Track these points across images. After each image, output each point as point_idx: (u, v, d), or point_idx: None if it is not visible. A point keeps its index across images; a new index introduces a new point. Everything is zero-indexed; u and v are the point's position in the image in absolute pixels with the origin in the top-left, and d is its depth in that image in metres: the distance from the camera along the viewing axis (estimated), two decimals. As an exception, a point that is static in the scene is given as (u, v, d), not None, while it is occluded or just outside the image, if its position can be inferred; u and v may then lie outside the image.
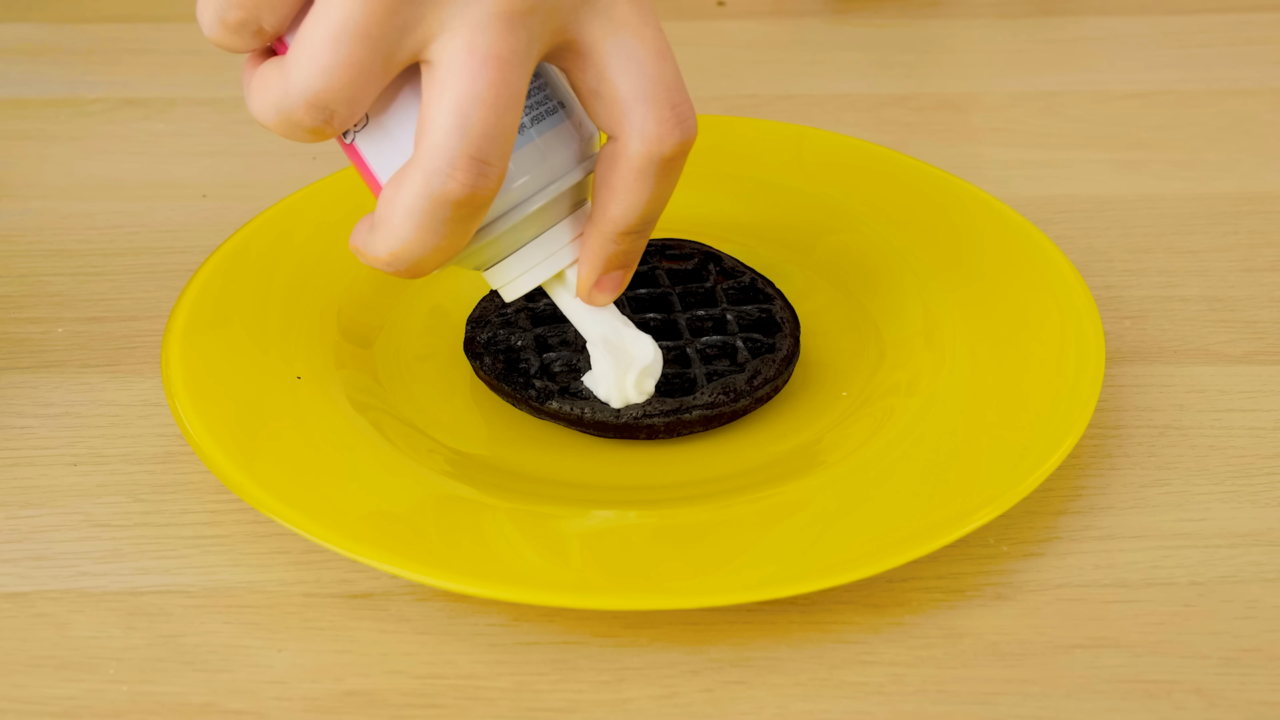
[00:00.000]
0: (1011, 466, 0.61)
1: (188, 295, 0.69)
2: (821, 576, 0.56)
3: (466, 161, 0.52)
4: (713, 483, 0.63)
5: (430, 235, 0.53)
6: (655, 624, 0.58)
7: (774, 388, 0.66)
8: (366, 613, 0.59)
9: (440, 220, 0.53)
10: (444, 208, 0.52)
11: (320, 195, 0.76)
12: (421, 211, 0.53)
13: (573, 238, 0.58)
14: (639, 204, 0.56)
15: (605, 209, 0.56)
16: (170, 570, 0.60)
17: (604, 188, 0.56)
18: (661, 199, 0.56)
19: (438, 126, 0.52)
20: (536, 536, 0.59)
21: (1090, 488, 0.64)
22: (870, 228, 0.75)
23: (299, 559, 0.61)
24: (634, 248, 0.57)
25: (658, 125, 0.54)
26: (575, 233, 0.58)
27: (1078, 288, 0.69)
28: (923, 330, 0.69)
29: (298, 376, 0.66)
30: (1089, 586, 0.60)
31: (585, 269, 0.58)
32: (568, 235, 0.58)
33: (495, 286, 0.59)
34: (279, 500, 0.59)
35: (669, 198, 0.57)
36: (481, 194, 0.52)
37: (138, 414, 0.67)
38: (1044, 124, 0.88)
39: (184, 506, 0.63)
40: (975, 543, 0.61)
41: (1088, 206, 0.81)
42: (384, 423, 0.65)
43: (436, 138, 0.52)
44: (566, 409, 0.64)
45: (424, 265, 0.55)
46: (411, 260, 0.54)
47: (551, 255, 0.58)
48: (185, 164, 0.84)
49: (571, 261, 0.59)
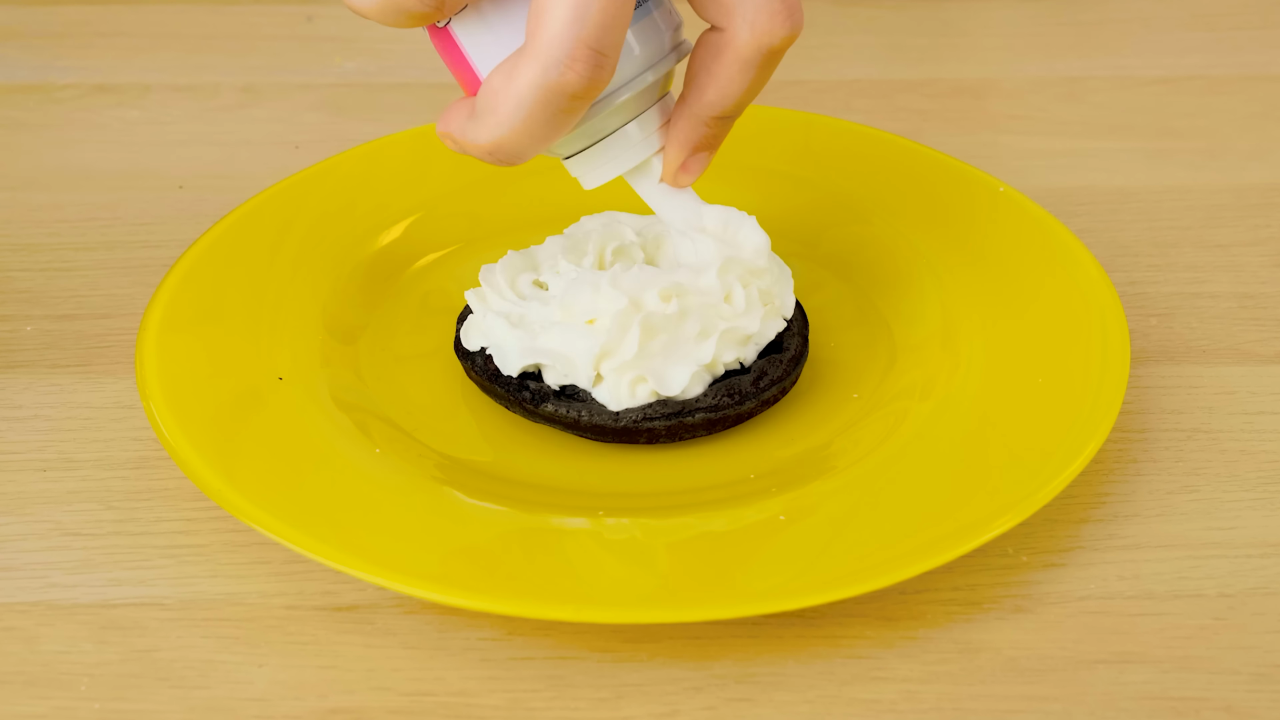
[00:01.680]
0: (1031, 472, 0.61)
1: (163, 292, 0.69)
2: (831, 588, 0.56)
3: (585, 52, 0.54)
4: (716, 489, 0.63)
5: (538, 125, 0.56)
6: (656, 638, 0.58)
7: (781, 389, 0.66)
8: (351, 626, 0.59)
9: (551, 111, 0.56)
10: (558, 99, 0.55)
11: (303, 187, 0.76)
12: (534, 101, 0.56)
13: (657, 127, 0.61)
14: (737, 92, 0.59)
15: (703, 93, 0.60)
16: (145, 581, 0.60)
17: (704, 73, 0.59)
18: (758, 88, 0.60)
19: (555, 17, 0.54)
20: (530, 546, 0.59)
21: (1114, 494, 0.64)
22: (881, 220, 0.75)
23: (280, 569, 0.61)
24: (722, 131, 0.61)
25: (769, 18, 0.58)
26: (659, 122, 0.62)
27: (1101, 284, 0.69)
28: (937, 329, 0.69)
29: (279, 377, 0.66)
30: (1113, 598, 0.60)
31: (673, 150, 0.61)
32: (653, 125, 0.61)
33: (576, 174, 0.63)
34: (259, 507, 0.59)
35: (763, 88, 0.60)
36: (596, 85, 0.55)
37: (111, 416, 0.67)
38: (1066, 111, 0.87)
39: (159, 514, 0.63)
40: (993, 552, 0.61)
41: (1112, 198, 0.81)
42: (370, 426, 0.65)
43: (554, 28, 0.54)
44: (562, 411, 0.64)
45: (524, 154, 0.58)
46: (514, 150, 0.57)
47: (636, 144, 0.61)
48: (161, 154, 0.84)
49: (656, 150, 0.62)
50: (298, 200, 0.75)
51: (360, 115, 0.88)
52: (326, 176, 0.77)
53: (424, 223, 0.76)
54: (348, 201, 0.76)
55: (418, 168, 0.78)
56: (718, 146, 0.62)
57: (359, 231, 0.74)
